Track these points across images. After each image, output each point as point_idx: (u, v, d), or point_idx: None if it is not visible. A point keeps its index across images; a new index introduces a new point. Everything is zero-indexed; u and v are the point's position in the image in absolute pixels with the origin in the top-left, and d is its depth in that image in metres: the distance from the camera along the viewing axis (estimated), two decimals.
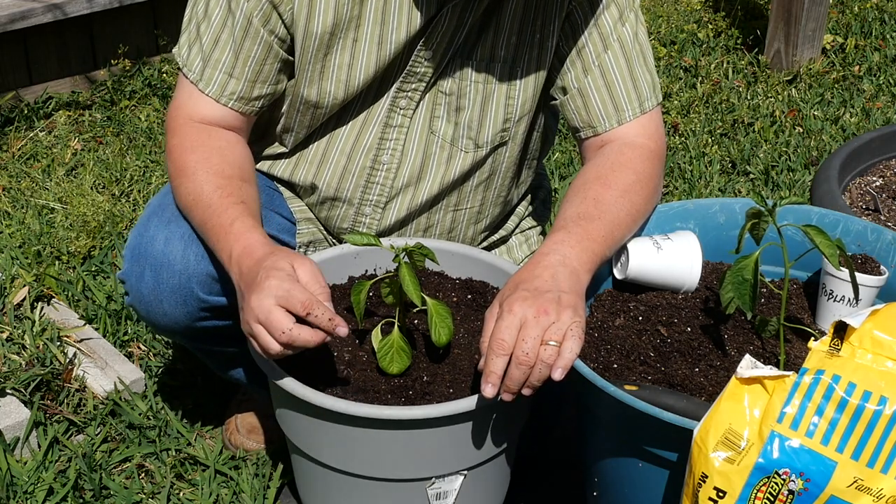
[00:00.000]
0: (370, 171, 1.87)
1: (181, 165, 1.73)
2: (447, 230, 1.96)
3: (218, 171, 1.71)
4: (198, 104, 1.77)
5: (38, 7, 3.37)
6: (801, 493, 1.34)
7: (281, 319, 1.48)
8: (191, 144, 1.74)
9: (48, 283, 2.51)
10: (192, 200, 1.70)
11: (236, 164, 1.74)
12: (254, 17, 1.71)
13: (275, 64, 1.76)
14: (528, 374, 1.48)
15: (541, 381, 1.48)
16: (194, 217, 1.70)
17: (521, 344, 1.47)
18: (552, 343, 1.46)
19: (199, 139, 1.75)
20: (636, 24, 1.80)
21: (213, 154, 1.73)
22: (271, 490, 1.99)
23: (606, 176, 1.73)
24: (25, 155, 3.21)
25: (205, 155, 1.72)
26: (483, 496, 1.74)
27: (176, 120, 1.79)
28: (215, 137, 1.76)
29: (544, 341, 1.47)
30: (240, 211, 1.65)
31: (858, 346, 1.39)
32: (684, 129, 3.48)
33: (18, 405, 2.11)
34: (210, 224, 1.66)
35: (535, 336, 1.47)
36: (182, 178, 1.72)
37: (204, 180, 1.69)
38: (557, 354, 1.47)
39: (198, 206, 1.68)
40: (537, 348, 1.46)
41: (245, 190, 1.70)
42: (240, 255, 1.59)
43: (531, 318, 1.48)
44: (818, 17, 3.90)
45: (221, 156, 1.73)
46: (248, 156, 1.79)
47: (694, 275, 1.72)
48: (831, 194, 2.18)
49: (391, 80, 1.81)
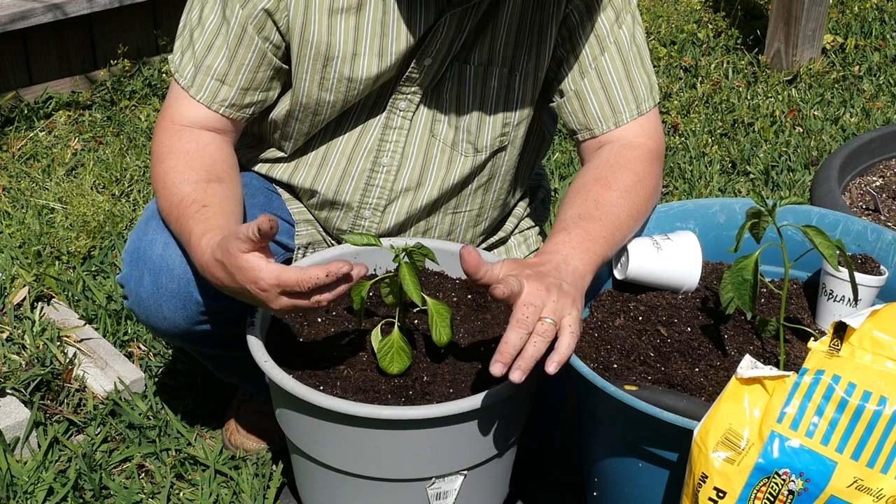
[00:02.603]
0: (370, 173, 1.87)
1: (155, 178, 1.74)
2: (446, 233, 1.96)
3: (183, 178, 1.69)
4: (183, 107, 1.76)
5: (38, 7, 3.37)
6: (801, 494, 1.34)
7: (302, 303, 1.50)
8: (162, 152, 1.74)
9: (48, 283, 2.51)
10: (166, 215, 1.71)
11: (203, 167, 1.71)
12: (248, 25, 1.71)
13: (268, 71, 1.76)
14: (523, 342, 1.44)
15: (534, 360, 1.44)
16: (172, 229, 1.71)
17: (523, 308, 1.45)
18: (549, 320, 1.45)
19: (170, 144, 1.74)
20: (633, 25, 1.80)
21: (179, 161, 1.71)
22: (271, 490, 1.99)
23: (606, 177, 1.73)
24: (25, 155, 3.21)
25: (172, 163, 1.71)
26: (483, 496, 1.74)
27: (158, 124, 1.78)
28: (185, 140, 1.74)
29: (542, 318, 1.46)
30: (197, 219, 1.62)
31: (858, 347, 1.39)
32: (684, 129, 3.48)
33: (18, 405, 2.11)
34: (182, 238, 1.67)
35: (537, 304, 1.45)
36: (157, 191, 1.73)
37: (172, 192, 1.69)
38: (554, 334, 1.45)
39: (171, 218, 1.69)
40: (536, 317, 1.45)
41: (210, 191, 1.67)
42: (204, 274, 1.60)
43: (535, 289, 1.47)
44: (818, 17, 3.90)
45: (188, 161, 1.71)
46: (220, 154, 1.76)
47: (694, 275, 1.72)
48: (831, 194, 2.18)
49: (391, 85, 1.80)
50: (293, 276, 1.47)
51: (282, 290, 1.49)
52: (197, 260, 1.60)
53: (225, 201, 1.67)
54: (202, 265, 1.59)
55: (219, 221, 1.62)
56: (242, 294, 1.55)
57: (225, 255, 1.52)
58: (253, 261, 1.49)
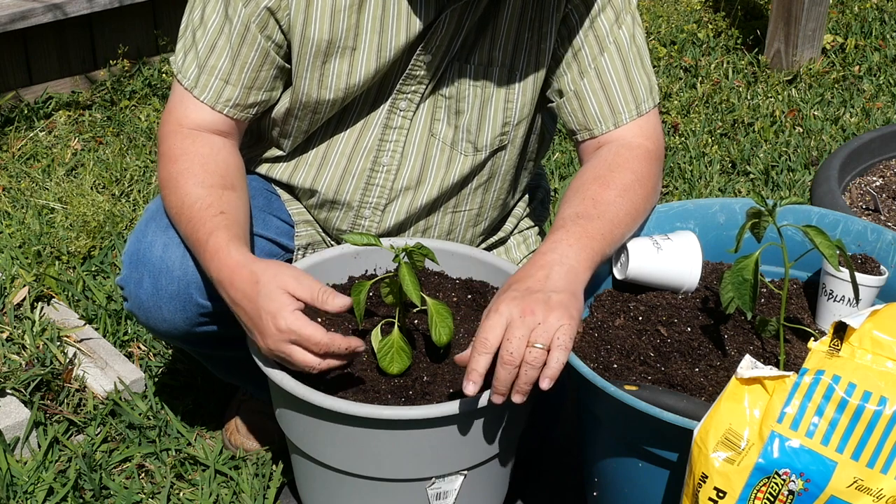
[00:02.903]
0: (370, 172, 1.87)
1: (165, 176, 1.73)
2: (446, 232, 1.96)
3: (199, 181, 1.69)
4: (188, 110, 1.76)
5: (38, 7, 3.37)
6: (801, 494, 1.34)
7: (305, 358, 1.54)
8: (174, 154, 1.73)
9: (48, 283, 2.51)
10: (175, 213, 1.70)
11: (218, 172, 1.72)
12: (251, 23, 1.71)
13: (271, 70, 1.76)
14: (514, 375, 1.47)
15: (529, 384, 1.48)
16: (180, 229, 1.71)
17: (506, 344, 1.46)
18: (538, 346, 1.46)
19: (183, 147, 1.74)
20: (633, 26, 1.80)
21: (194, 163, 1.71)
22: (271, 490, 1.99)
23: (604, 176, 1.73)
24: (25, 155, 3.21)
25: (186, 165, 1.71)
26: (483, 496, 1.74)
27: (164, 127, 1.78)
28: (199, 143, 1.74)
29: (530, 343, 1.46)
30: (216, 224, 1.63)
31: (858, 347, 1.39)
32: (684, 129, 3.48)
33: (18, 405, 2.11)
34: (192, 238, 1.67)
35: (519, 336, 1.46)
36: (166, 190, 1.73)
37: (185, 192, 1.69)
38: (544, 359, 1.46)
39: (181, 218, 1.68)
40: (522, 349, 1.46)
41: (226, 199, 1.68)
42: (218, 278, 1.61)
43: (517, 317, 1.48)
44: (818, 17, 3.90)
45: (203, 164, 1.72)
46: (233, 160, 1.77)
47: (694, 275, 1.72)
48: (831, 194, 2.18)
49: (390, 83, 1.81)
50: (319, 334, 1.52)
51: (294, 341, 1.51)
52: (215, 263, 1.60)
53: (238, 211, 1.69)
54: (221, 267, 1.59)
55: (238, 231, 1.64)
56: (245, 312, 1.57)
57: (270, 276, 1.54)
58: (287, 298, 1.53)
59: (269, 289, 1.53)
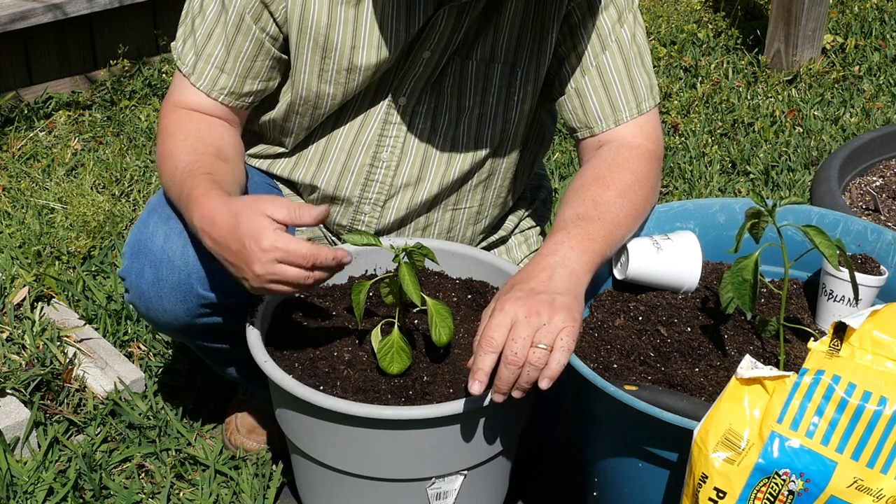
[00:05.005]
0: (370, 168, 1.87)
1: (162, 151, 1.75)
2: (446, 230, 1.96)
3: (192, 149, 1.71)
4: (186, 94, 1.79)
5: (38, 7, 3.37)
6: (802, 494, 1.34)
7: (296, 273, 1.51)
8: (171, 129, 1.76)
9: (48, 283, 2.51)
10: (168, 181, 1.70)
11: (213, 144, 1.73)
12: (246, 14, 1.72)
13: (266, 61, 1.77)
14: (517, 375, 1.48)
15: (530, 384, 1.48)
16: (172, 196, 1.70)
17: (511, 344, 1.47)
18: (542, 346, 1.46)
19: (181, 123, 1.76)
20: (634, 25, 1.80)
21: (189, 135, 1.74)
22: (271, 490, 1.99)
23: (604, 177, 1.73)
24: (25, 155, 3.21)
25: (182, 137, 1.73)
26: (483, 496, 1.74)
27: (164, 108, 1.81)
28: (197, 121, 1.77)
29: (534, 343, 1.47)
30: (202, 180, 1.63)
31: (858, 347, 1.39)
32: (684, 129, 3.48)
33: (18, 405, 2.11)
34: (181, 199, 1.66)
35: (524, 336, 1.47)
36: (161, 163, 1.74)
37: (178, 160, 1.70)
38: (547, 359, 1.47)
39: (173, 184, 1.68)
40: (527, 349, 1.46)
41: (216, 166, 1.69)
42: (201, 223, 1.59)
43: (522, 318, 1.48)
44: (818, 17, 3.90)
45: (199, 138, 1.74)
46: (229, 139, 1.78)
47: (694, 275, 1.72)
48: (831, 194, 2.18)
49: (390, 79, 1.81)
50: (304, 247, 1.50)
51: (281, 258, 1.50)
52: (198, 210, 1.59)
53: (227, 177, 1.68)
54: (203, 212, 1.58)
55: (227, 188, 1.63)
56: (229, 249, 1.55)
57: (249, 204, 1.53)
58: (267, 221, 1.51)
59: (248, 215, 1.52)
